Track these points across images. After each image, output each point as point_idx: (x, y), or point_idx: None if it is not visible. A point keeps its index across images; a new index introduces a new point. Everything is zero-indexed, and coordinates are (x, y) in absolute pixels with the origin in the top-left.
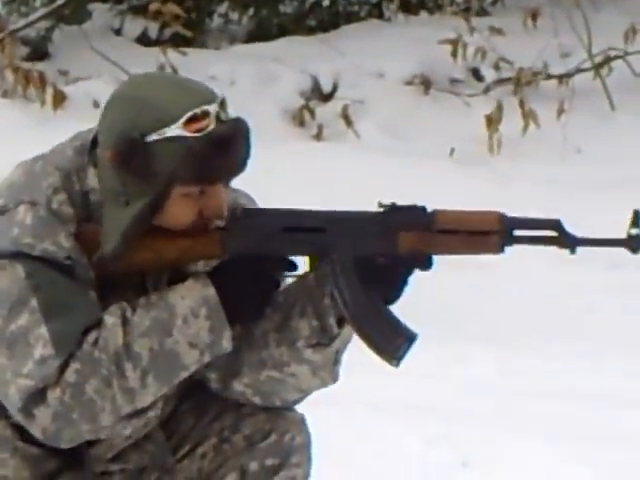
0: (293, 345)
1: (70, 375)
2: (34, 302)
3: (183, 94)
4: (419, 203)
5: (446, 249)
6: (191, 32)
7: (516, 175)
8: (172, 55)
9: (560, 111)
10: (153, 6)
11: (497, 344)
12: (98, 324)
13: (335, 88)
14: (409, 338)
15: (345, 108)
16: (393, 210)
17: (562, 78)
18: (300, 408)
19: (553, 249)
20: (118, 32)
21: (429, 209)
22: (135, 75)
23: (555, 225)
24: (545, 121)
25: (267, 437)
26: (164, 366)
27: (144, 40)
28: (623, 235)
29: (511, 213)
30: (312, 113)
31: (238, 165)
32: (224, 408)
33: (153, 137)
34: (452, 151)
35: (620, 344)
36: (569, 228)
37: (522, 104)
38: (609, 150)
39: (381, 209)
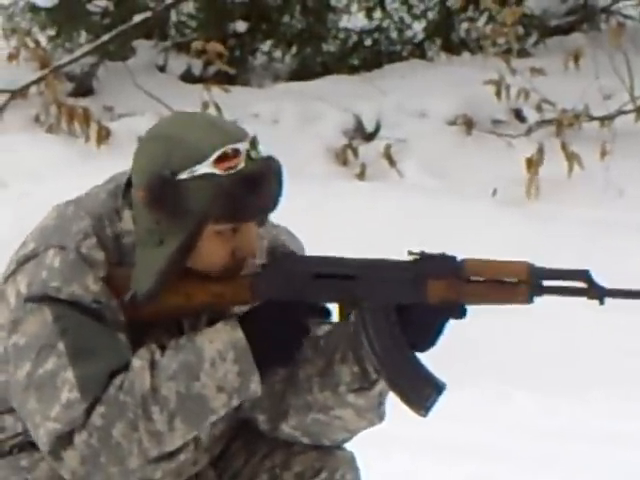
0: (336, 390)
1: (96, 419)
2: (61, 346)
3: (213, 132)
4: (461, 243)
5: (475, 298)
6: (234, 70)
7: (557, 217)
8: (215, 93)
9: (602, 153)
10: (196, 44)
11: (538, 386)
12: (126, 367)
13: (378, 127)
14: (438, 388)
15: (388, 147)
16: (423, 258)
17: (604, 120)
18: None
19: None
20: (162, 69)
21: (459, 258)
22: (166, 116)
23: (584, 276)
24: (586, 163)
25: (318, 474)
26: (192, 409)
27: (188, 77)
28: None
29: (551, 255)
30: (355, 152)
31: (269, 203)
32: (275, 446)
33: (184, 175)
34: (494, 192)
35: None
36: (598, 278)
37: (564, 146)
38: None
39: (411, 257)
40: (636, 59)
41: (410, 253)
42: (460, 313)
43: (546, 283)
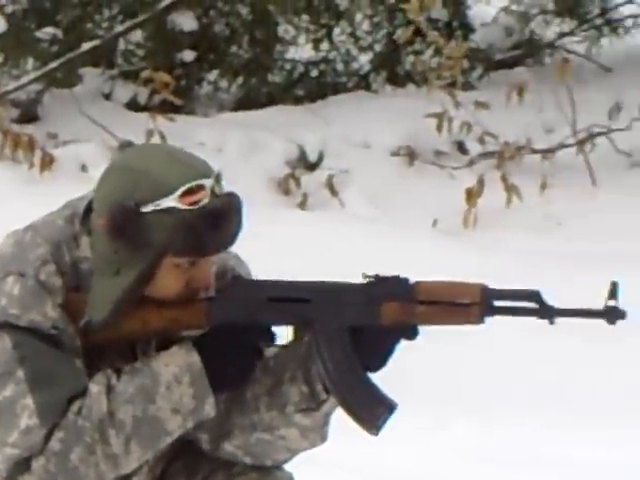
0: (283, 410)
1: (55, 444)
2: (20, 373)
3: (180, 167)
4: (401, 273)
5: (428, 319)
6: (180, 99)
7: (497, 247)
8: (161, 121)
9: (543, 185)
10: (144, 74)
11: (478, 412)
12: (83, 393)
13: (321, 157)
14: (389, 408)
15: (330, 178)
16: (377, 281)
17: (545, 153)
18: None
19: (531, 320)
20: (108, 97)
21: (411, 280)
22: (134, 146)
23: (534, 296)
24: (528, 195)
25: None
26: (147, 432)
27: (133, 105)
28: (601, 307)
29: (492, 284)
30: (297, 182)
31: (229, 239)
32: (215, 467)
33: (148, 207)
34: (435, 222)
35: (602, 413)
36: (548, 299)
37: (504, 178)
38: (590, 225)
39: (365, 280)
40: (578, 93)
41: (365, 276)
42: (412, 334)
43: (497, 303)
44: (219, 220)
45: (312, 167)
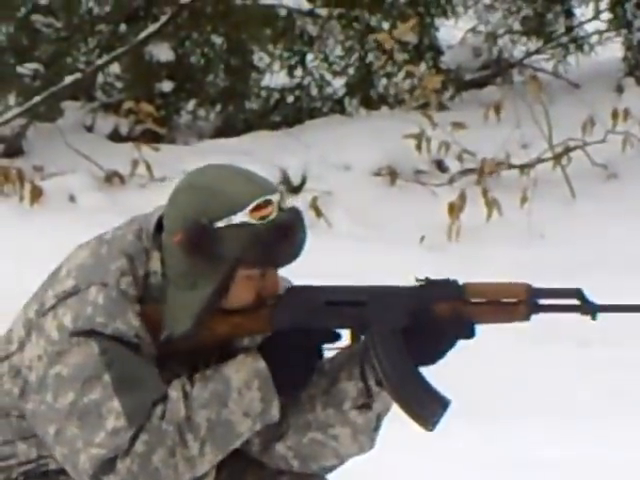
0: (340, 406)
1: (139, 446)
2: (107, 377)
3: (248, 184)
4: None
5: (477, 318)
6: (161, 128)
7: (482, 260)
8: (145, 151)
9: (523, 199)
10: (126, 105)
11: (479, 419)
12: (164, 397)
13: (304, 180)
14: (444, 404)
15: (314, 199)
16: (427, 284)
17: (523, 168)
18: None
19: (524, 329)
20: (89, 129)
21: (460, 282)
22: (202, 166)
23: (577, 293)
24: (509, 209)
25: None
26: (221, 435)
27: (115, 136)
28: None
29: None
30: None
31: (298, 249)
32: (261, 477)
33: (221, 223)
34: (422, 238)
35: (599, 414)
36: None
37: (485, 193)
38: (571, 235)
39: (416, 283)
40: (550, 109)
41: (416, 279)
42: (470, 333)
43: (542, 301)
44: (287, 232)
45: (296, 190)
